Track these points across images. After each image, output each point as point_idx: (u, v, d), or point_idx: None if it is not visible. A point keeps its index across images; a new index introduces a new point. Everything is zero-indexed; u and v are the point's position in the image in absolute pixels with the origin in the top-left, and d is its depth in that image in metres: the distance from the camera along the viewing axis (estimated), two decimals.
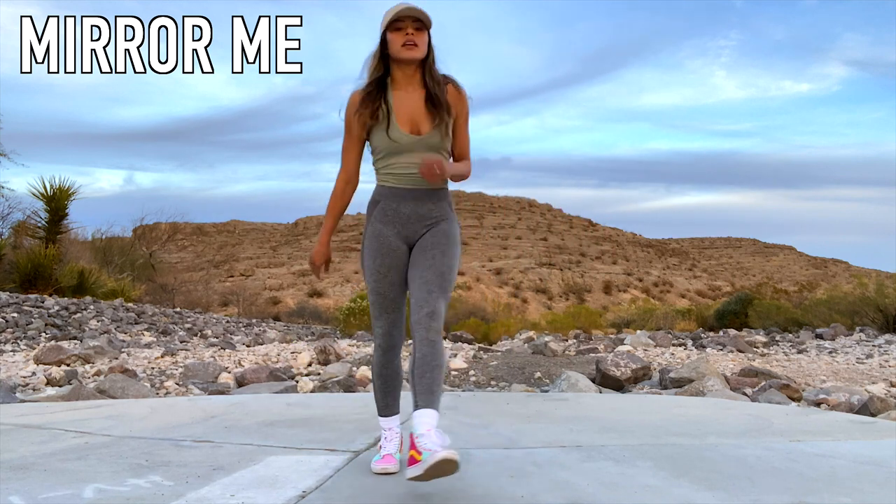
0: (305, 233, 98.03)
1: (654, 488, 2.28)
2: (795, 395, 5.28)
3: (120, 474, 2.41)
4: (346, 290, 61.07)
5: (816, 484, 2.35)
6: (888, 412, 4.35)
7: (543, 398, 4.66)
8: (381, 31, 2.38)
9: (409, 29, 2.34)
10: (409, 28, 2.34)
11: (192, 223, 76.97)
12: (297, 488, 2.23)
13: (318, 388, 5.68)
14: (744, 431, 3.37)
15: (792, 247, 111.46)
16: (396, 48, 2.35)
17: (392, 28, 2.35)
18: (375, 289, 2.44)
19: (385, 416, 2.58)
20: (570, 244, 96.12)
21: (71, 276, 14.51)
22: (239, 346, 10.12)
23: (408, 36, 2.34)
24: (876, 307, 14.19)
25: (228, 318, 17.22)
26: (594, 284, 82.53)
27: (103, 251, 19.89)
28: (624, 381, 6.24)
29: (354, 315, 15.96)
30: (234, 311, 28.58)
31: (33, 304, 11.12)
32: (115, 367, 6.34)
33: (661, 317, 22.65)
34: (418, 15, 2.34)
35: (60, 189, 15.84)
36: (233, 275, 71.86)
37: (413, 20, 2.34)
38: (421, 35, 2.36)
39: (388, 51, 2.38)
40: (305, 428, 3.35)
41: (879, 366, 7.62)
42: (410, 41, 2.34)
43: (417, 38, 2.35)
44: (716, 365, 7.04)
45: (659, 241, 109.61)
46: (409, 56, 2.35)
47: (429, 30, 2.40)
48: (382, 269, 2.43)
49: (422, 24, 2.36)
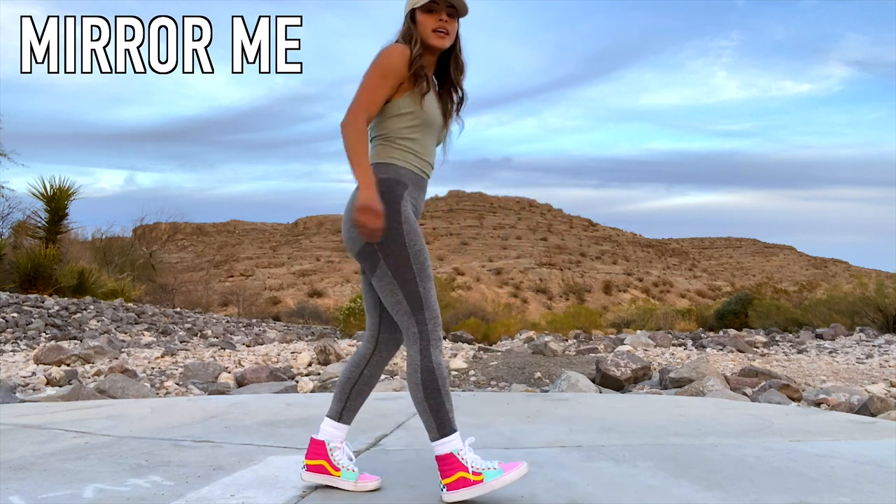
0: (305, 233, 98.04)
1: (655, 488, 2.28)
2: (795, 395, 5.28)
3: (120, 474, 2.41)
4: (346, 290, 61.07)
5: (816, 484, 2.35)
6: (888, 412, 4.35)
7: (543, 398, 4.66)
8: (412, 7, 2.21)
9: (442, 14, 2.19)
10: (443, 13, 2.20)
11: (192, 223, 77.08)
12: (297, 488, 2.23)
13: (318, 388, 5.68)
14: (744, 431, 3.37)
15: (792, 247, 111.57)
16: (426, 32, 2.19)
17: (424, 9, 2.19)
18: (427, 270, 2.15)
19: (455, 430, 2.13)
20: (570, 244, 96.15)
21: (71, 276, 14.51)
22: (239, 346, 10.12)
23: (440, 22, 2.19)
24: (876, 307, 14.19)
25: (228, 318, 17.22)
26: (594, 284, 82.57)
27: (103, 251, 19.90)
28: (624, 381, 6.24)
29: (354, 315, 15.96)
30: (234, 311, 28.59)
31: (33, 304, 11.12)
32: (115, 367, 6.34)
33: (661, 317, 22.66)
34: (454, 2, 2.20)
35: (60, 189, 15.85)
36: (233, 275, 71.88)
37: (448, 6, 2.20)
38: (453, 23, 2.22)
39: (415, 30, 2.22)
40: (305, 428, 3.35)
41: (879, 366, 7.62)
42: (443, 28, 2.19)
43: (449, 26, 2.21)
44: (716, 365, 7.04)
45: (659, 241, 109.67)
46: (439, 44, 2.20)
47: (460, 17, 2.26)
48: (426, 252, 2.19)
49: (455, 12, 2.23)
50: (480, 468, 2.06)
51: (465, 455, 2.07)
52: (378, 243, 2.11)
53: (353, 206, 2.14)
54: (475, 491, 2.04)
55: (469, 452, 2.09)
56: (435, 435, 2.09)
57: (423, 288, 2.12)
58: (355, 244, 2.18)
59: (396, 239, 2.11)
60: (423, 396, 2.09)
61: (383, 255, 2.12)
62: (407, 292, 2.11)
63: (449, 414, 2.10)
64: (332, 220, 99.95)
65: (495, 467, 2.07)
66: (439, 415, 2.09)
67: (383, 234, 2.08)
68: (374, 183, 2.07)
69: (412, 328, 2.11)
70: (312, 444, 2.26)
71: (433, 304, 2.13)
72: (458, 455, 2.07)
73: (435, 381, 2.08)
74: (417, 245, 2.14)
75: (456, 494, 2.05)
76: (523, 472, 2.09)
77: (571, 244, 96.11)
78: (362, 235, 2.07)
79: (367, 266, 2.19)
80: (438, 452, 2.09)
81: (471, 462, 2.07)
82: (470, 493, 2.04)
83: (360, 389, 2.32)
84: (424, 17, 2.20)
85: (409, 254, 2.12)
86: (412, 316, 2.11)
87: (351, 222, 2.16)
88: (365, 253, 2.16)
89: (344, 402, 2.30)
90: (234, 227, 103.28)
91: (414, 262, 2.12)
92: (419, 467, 2.50)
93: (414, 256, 2.12)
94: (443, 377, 2.10)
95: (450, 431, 2.09)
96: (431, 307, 2.12)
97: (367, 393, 2.34)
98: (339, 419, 2.30)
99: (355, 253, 2.20)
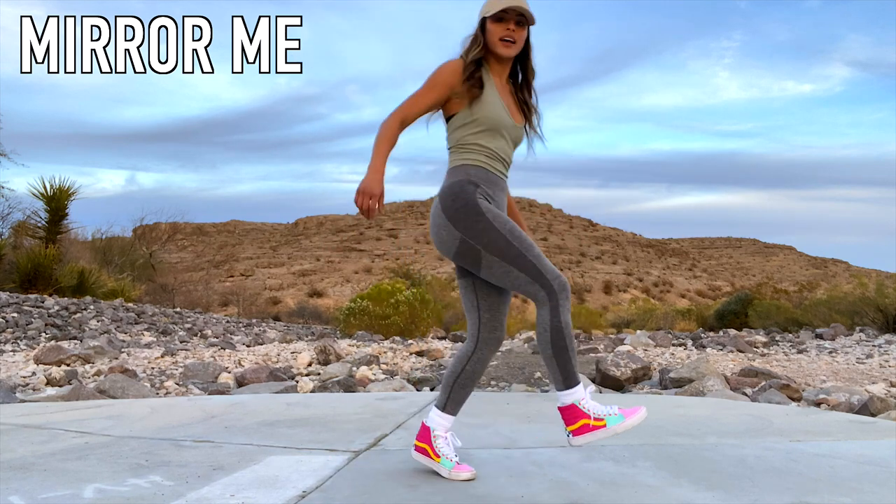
0: (305, 233, 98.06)
1: (654, 488, 2.28)
2: (795, 395, 5.28)
3: (120, 474, 2.41)
4: (346, 291, 61.03)
5: (816, 484, 2.35)
6: (888, 412, 4.35)
7: (543, 398, 4.66)
8: (482, 17, 2.33)
9: (511, 24, 2.30)
10: (512, 23, 2.30)
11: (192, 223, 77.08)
12: (297, 488, 2.23)
13: (318, 388, 5.67)
14: (744, 431, 3.37)
15: (792, 247, 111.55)
16: (494, 40, 2.31)
17: (494, 18, 2.30)
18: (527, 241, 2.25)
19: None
20: (570, 244, 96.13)
21: (71, 276, 14.51)
22: (239, 346, 10.11)
23: (508, 31, 2.30)
24: (876, 307, 14.19)
25: (228, 318, 17.21)
26: (594, 284, 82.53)
27: (103, 251, 19.89)
28: (624, 381, 6.24)
29: (354, 315, 15.95)
30: (234, 311, 28.60)
31: (33, 304, 11.12)
32: (115, 367, 6.34)
33: (661, 317, 22.68)
34: (524, 11, 2.29)
35: (60, 189, 15.86)
36: (233, 275, 71.87)
37: (517, 14, 2.30)
38: (521, 31, 2.33)
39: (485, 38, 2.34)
40: (305, 428, 3.35)
41: (879, 366, 7.62)
42: (510, 37, 2.30)
43: (517, 35, 2.31)
44: (716, 365, 7.04)
45: (659, 241, 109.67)
46: (505, 52, 2.32)
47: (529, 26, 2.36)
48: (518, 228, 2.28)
49: (524, 20, 2.32)
50: (602, 414, 2.19)
51: (586, 404, 2.20)
52: (473, 239, 2.23)
53: (436, 223, 2.31)
54: (599, 434, 2.17)
55: (590, 402, 2.21)
56: (561, 387, 2.22)
57: (532, 256, 2.22)
58: (449, 247, 2.30)
59: (487, 228, 2.23)
60: (551, 353, 2.20)
61: (483, 247, 2.23)
62: (521, 266, 2.21)
63: (574, 368, 2.22)
64: (331, 220, 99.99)
65: (615, 413, 2.19)
66: (566, 369, 2.21)
67: (473, 231, 2.23)
68: (382, 170, 2.17)
69: (539, 293, 2.21)
70: (422, 428, 2.46)
71: (550, 268, 2.23)
72: (579, 405, 2.20)
73: (563, 339, 2.19)
74: (508, 224, 2.25)
75: (581, 439, 2.20)
76: (643, 416, 2.20)
77: (571, 244, 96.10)
78: (359, 214, 2.16)
79: (469, 263, 2.28)
80: (562, 403, 2.23)
81: (593, 409, 2.19)
82: (594, 436, 2.18)
83: (463, 383, 2.43)
84: (494, 25, 2.31)
85: (504, 236, 2.22)
86: (535, 283, 2.21)
87: (438, 230, 2.31)
88: (463, 252, 2.27)
89: (448, 394, 2.44)
90: (234, 227, 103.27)
91: (513, 239, 2.22)
92: (419, 467, 2.50)
93: (510, 234, 2.23)
94: (570, 336, 2.21)
95: (574, 383, 2.21)
96: (550, 270, 2.22)
97: (470, 387, 2.45)
98: (443, 409, 2.44)
99: (452, 255, 2.31)
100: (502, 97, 2.38)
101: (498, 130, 2.35)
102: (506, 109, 2.37)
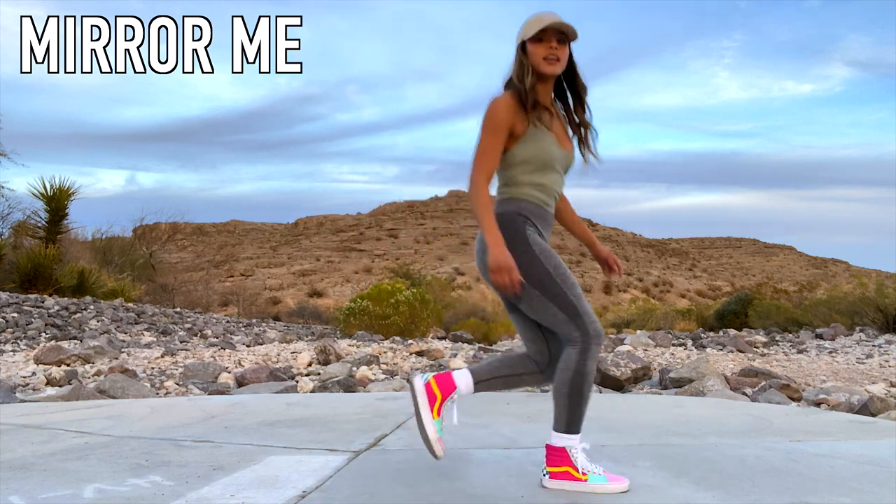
0: (305, 233, 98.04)
1: (654, 488, 2.28)
2: (795, 395, 5.28)
3: (120, 474, 2.41)
4: (346, 291, 61.02)
5: (816, 484, 2.35)
6: (888, 412, 4.35)
7: (543, 398, 4.66)
8: (522, 40, 2.27)
9: (552, 42, 2.24)
10: (553, 41, 2.25)
11: (192, 223, 77.00)
12: (297, 488, 2.23)
13: (318, 388, 5.67)
14: (744, 431, 3.37)
15: (792, 247, 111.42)
16: (537, 61, 2.25)
17: (534, 39, 2.25)
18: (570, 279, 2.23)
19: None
20: (570, 244, 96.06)
21: (71, 276, 14.51)
22: (239, 346, 10.11)
23: (551, 49, 2.24)
24: (876, 307, 14.20)
25: (228, 318, 17.21)
26: (594, 284, 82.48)
27: (103, 251, 19.89)
28: (624, 381, 6.24)
29: (354, 315, 15.95)
30: (234, 311, 28.57)
31: (33, 304, 11.12)
32: (115, 367, 6.34)
33: (661, 317, 22.67)
34: (564, 28, 2.23)
35: (60, 189, 15.87)
36: (233, 275, 71.84)
37: (557, 32, 2.24)
38: (563, 49, 2.26)
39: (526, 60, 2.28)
40: (305, 428, 3.35)
41: (879, 366, 7.62)
42: (553, 55, 2.24)
43: (560, 52, 2.25)
44: (716, 365, 7.04)
45: (659, 241, 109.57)
46: (550, 71, 2.26)
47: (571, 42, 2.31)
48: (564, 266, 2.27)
49: (565, 38, 2.26)
50: (588, 470, 2.21)
51: (576, 455, 2.22)
52: (518, 268, 2.16)
53: (481, 248, 2.26)
54: (576, 486, 2.20)
55: (581, 454, 2.22)
56: (561, 428, 2.22)
57: (573, 296, 2.21)
58: None
59: (533, 262, 2.21)
60: (566, 393, 2.20)
61: (526, 278, 2.19)
62: (560, 304, 2.20)
63: (582, 416, 2.22)
64: (331, 220, 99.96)
65: (601, 473, 2.21)
66: (574, 414, 2.21)
67: (518, 261, 2.16)
68: (502, 240, 2.15)
69: (573, 332, 2.20)
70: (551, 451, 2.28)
71: (589, 311, 2.22)
72: (569, 452, 2.22)
73: (583, 385, 2.19)
74: (554, 261, 2.24)
75: (556, 483, 2.22)
76: (624, 487, 2.22)
77: (571, 244, 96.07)
78: (502, 292, 2.17)
79: (513, 296, 2.24)
80: (554, 443, 2.23)
81: (581, 462, 2.21)
82: (570, 486, 2.21)
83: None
84: (534, 46, 2.26)
85: (549, 270, 2.21)
86: (571, 322, 2.20)
87: (483, 255, 2.24)
88: None
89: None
90: (234, 227, 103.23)
91: (556, 276, 2.21)
92: (419, 467, 2.50)
93: (554, 271, 2.22)
94: (590, 384, 2.20)
95: (576, 431, 2.22)
96: (588, 313, 2.21)
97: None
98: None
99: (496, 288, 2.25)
100: (552, 128, 2.31)
101: (551, 165, 2.31)
102: (555, 142, 2.31)
